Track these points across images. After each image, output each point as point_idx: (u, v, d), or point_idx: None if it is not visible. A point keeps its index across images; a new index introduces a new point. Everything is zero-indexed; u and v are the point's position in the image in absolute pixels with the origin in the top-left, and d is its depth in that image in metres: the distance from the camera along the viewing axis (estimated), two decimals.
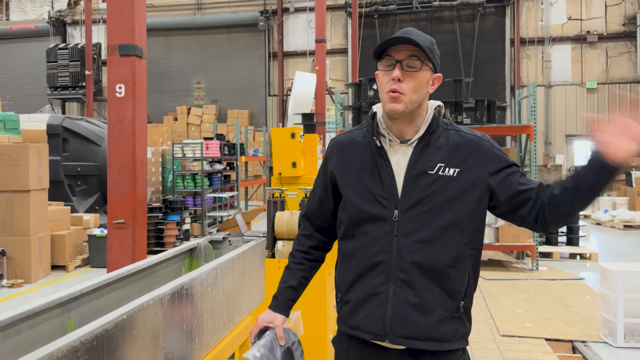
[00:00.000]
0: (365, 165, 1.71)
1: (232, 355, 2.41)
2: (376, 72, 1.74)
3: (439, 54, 1.72)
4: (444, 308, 1.63)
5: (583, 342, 4.68)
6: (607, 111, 17.26)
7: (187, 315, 1.77)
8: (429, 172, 1.64)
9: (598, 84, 17.34)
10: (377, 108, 1.76)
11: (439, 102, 1.75)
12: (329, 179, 1.81)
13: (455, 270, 1.64)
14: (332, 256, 1.92)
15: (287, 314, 1.85)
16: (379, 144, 1.70)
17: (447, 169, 1.64)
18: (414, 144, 1.68)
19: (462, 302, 1.66)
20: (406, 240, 1.64)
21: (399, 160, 1.69)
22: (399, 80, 1.63)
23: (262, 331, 1.81)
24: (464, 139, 1.69)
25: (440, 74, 1.73)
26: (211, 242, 2.76)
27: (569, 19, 17.68)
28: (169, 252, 2.40)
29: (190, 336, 1.79)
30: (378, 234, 1.66)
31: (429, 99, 1.74)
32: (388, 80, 1.65)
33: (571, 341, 4.74)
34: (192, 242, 2.66)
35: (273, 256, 3.50)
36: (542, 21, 17.83)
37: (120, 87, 4.09)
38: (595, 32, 17.37)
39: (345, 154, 1.77)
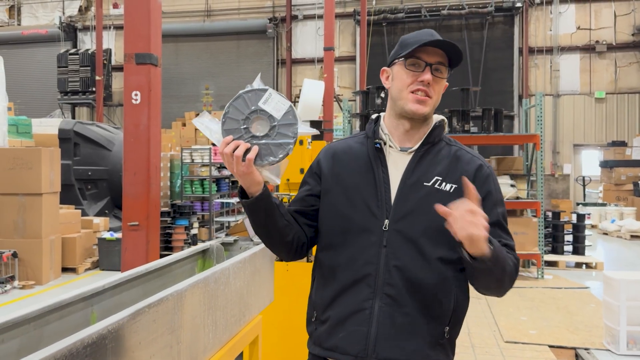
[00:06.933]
0: (360, 171, 1.62)
1: (241, 355, 2.50)
2: (384, 67, 1.67)
3: None
4: (429, 332, 1.51)
5: (586, 349, 4.73)
6: (615, 121, 17.27)
7: (202, 310, 1.86)
8: (425, 183, 1.57)
9: (607, 93, 17.34)
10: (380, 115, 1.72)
11: (442, 117, 1.70)
12: (317, 182, 1.68)
13: (442, 289, 1.53)
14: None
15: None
16: (378, 146, 1.62)
17: (443, 183, 1.57)
18: (413, 152, 1.61)
19: (447, 328, 1.54)
20: (396, 252, 1.52)
21: (397, 167, 1.60)
22: (428, 83, 1.57)
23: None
24: (465, 158, 1.63)
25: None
26: (223, 244, 2.86)
27: (578, 28, 17.71)
28: (183, 252, 2.51)
29: (205, 330, 1.88)
30: (365, 244, 1.54)
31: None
32: (414, 80, 1.57)
33: (574, 348, 4.79)
34: (205, 244, 2.76)
35: (281, 260, 3.58)
36: (550, 30, 17.87)
37: (136, 95, 4.22)
38: (604, 42, 17.38)
39: (339, 160, 1.66)
